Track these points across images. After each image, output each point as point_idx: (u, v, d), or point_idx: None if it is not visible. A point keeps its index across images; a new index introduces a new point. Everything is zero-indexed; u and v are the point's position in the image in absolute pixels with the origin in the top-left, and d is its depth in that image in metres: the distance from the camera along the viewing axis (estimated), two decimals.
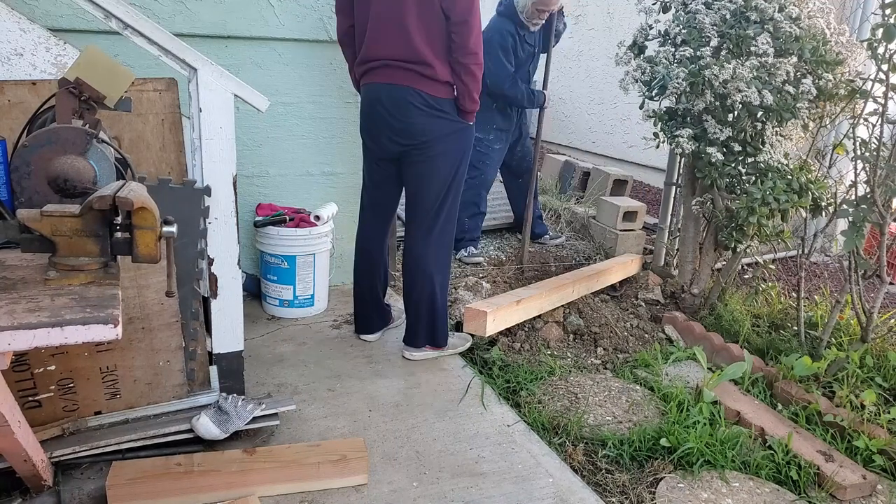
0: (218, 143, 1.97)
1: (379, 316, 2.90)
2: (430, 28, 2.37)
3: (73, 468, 1.89)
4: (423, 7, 2.34)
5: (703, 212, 3.31)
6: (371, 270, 2.80)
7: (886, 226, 2.65)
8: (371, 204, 2.77)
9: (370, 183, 2.75)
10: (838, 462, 2.22)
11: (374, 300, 2.86)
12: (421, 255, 2.63)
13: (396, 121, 2.47)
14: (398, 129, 2.49)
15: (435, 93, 2.44)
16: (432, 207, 2.58)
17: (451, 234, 2.69)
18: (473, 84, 2.45)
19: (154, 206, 1.19)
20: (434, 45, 2.39)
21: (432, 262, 2.63)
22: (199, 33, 2.77)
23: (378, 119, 2.52)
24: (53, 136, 1.38)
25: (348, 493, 1.91)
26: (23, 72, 2.02)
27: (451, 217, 2.64)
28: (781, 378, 2.70)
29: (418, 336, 2.71)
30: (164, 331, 1.98)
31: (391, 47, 2.41)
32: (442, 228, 2.62)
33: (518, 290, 3.13)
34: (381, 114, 2.50)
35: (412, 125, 2.46)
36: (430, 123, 2.46)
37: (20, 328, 1.03)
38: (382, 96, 2.47)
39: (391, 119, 2.48)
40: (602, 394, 2.61)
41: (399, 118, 2.46)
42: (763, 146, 3.01)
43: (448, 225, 2.64)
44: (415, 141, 2.49)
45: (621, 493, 2.08)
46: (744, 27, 2.90)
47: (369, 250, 2.79)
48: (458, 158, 2.56)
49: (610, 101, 6.55)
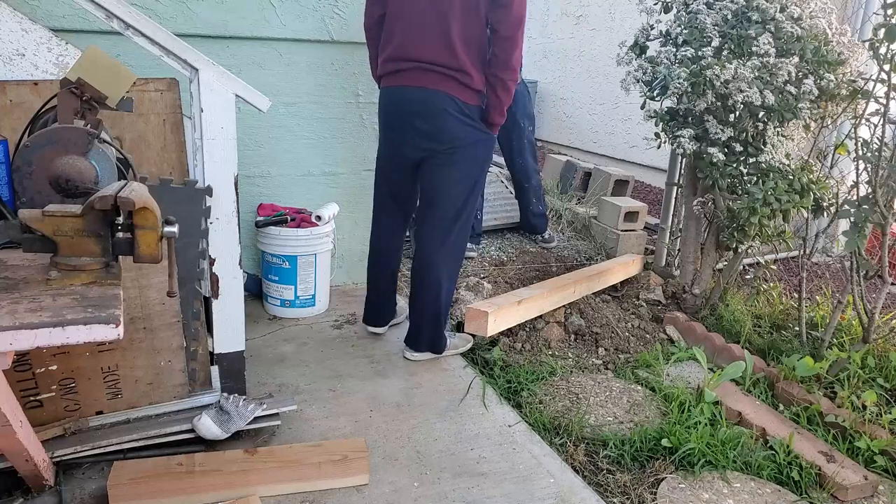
0: (219, 143, 1.98)
1: (390, 311, 2.93)
2: (470, 36, 2.34)
3: (74, 468, 1.89)
4: (468, 15, 2.32)
5: (705, 212, 3.31)
6: (385, 268, 2.82)
7: (888, 226, 2.65)
8: (385, 204, 2.75)
9: (384, 184, 2.71)
10: (840, 463, 2.21)
11: (386, 295, 2.88)
12: (433, 263, 2.60)
13: (426, 124, 2.43)
14: (425, 132, 2.45)
15: (468, 100, 2.41)
16: (450, 214, 2.55)
17: (465, 243, 2.67)
18: (507, 99, 2.43)
19: (155, 206, 1.20)
20: (472, 54, 2.36)
21: (444, 271, 2.61)
22: (201, 33, 2.77)
23: (405, 122, 2.48)
24: (55, 136, 1.38)
25: (349, 493, 1.91)
26: (24, 72, 2.03)
27: (466, 226, 2.62)
28: (783, 378, 2.70)
29: (420, 340, 2.70)
30: (165, 331, 1.98)
31: (430, 51, 2.36)
32: (457, 236, 2.60)
33: (519, 290, 3.13)
34: (408, 117, 2.46)
35: (443, 131, 2.43)
36: (460, 130, 2.43)
37: (22, 328, 1.04)
38: (415, 99, 2.43)
39: (420, 122, 2.44)
40: (603, 394, 2.61)
41: (430, 122, 2.42)
42: (764, 146, 3.00)
43: (462, 233, 2.62)
44: (442, 146, 2.46)
45: (622, 493, 2.08)
46: (745, 27, 2.90)
47: (384, 249, 2.79)
48: (480, 167, 2.55)
49: (611, 102, 6.55)
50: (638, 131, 5.81)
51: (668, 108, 3.16)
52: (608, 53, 5.60)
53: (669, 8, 3.22)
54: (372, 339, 2.90)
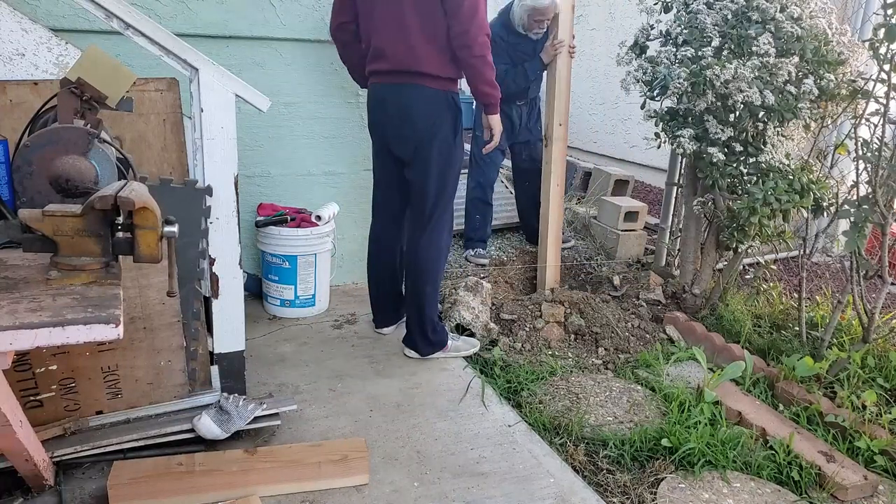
0: (219, 142, 1.98)
1: (394, 310, 2.94)
2: (427, 24, 2.37)
3: (74, 468, 1.89)
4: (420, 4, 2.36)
5: (705, 212, 3.31)
6: (385, 265, 2.85)
7: (888, 226, 2.65)
8: (381, 201, 2.80)
9: (379, 179, 2.78)
10: (839, 462, 2.21)
11: (387, 294, 2.90)
12: (414, 253, 2.65)
13: (399, 119, 2.50)
14: (399, 127, 2.51)
15: (439, 87, 2.45)
16: (427, 205, 2.59)
17: (444, 232, 2.68)
18: (479, 72, 2.42)
19: (155, 205, 1.20)
20: (434, 42, 2.39)
21: (423, 260, 2.64)
22: (201, 33, 2.78)
23: (383, 118, 2.56)
24: (55, 136, 1.38)
25: (349, 493, 1.91)
26: (25, 72, 2.03)
27: (443, 216, 2.63)
28: (783, 378, 2.70)
29: (412, 335, 2.73)
30: (165, 330, 1.98)
31: (393, 46, 2.42)
32: (434, 227, 2.62)
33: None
34: (386, 113, 2.54)
35: (414, 124, 2.48)
36: (428, 120, 2.48)
37: (22, 328, 1.04)
38: (388, 96, 2.51)
39: (395, 117, 2.50)
40: (603, 394, 2.61)
41: (402, 116, 2.48)
42: (764, 146, 3.00)
43: (440, 223, 2.64)
44: (417, 136, 2.50)
45: (622, 493, 2.08)
46: (745, 27, 2.90)
47: (382, 248, 2.83)
48: (448, 154, 2.55)
49: (611, 101, 6.55)
50: (638, 131, 5.81)
51: (668, 107, 3.16)
52: (608, 53, 5.61)
53: (669, 8, 3.22)
54: (372, 338, 2.90)
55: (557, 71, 3.56)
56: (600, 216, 4.37)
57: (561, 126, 3.45)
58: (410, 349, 2.75)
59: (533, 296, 3.43)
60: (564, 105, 3.53)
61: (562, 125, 3.45)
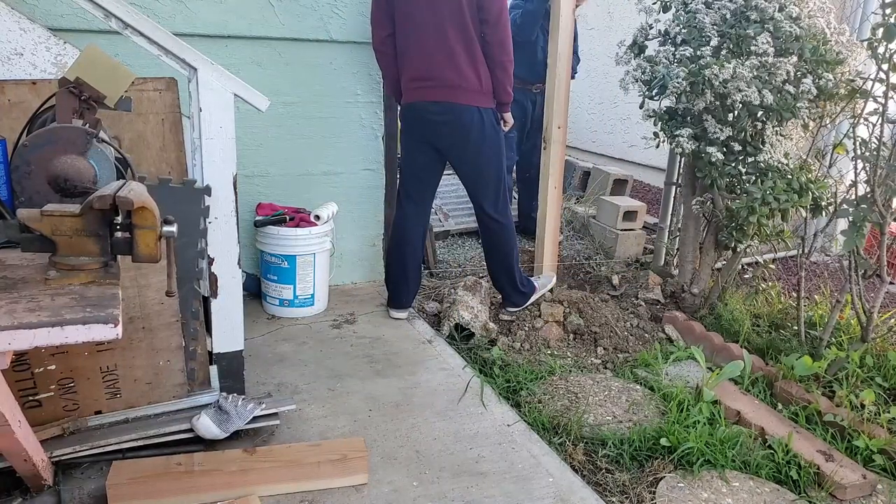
0: (218, 142, 1.97)
1: (414, 290, 3.11)
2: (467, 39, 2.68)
3: (73, 468, 1.89)
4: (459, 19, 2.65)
5: (704, 211, 3.31)
6: (414, 249, 3.03)
7: (886, 225, 2.65)
8: (412, 189, 3.00)
9: (413, 171, 2.98)
10: (838, 462, 2.22)
11: (416, 270, 3.07)
12: (493, 223, 2.99)
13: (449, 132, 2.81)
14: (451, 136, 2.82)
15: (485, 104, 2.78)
16: (491, 183, 2.94)
17: (508, 200, 3.04)
18: (506, 78, 2.77)
19: (154, 205, 1.20)
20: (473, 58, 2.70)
21: (505, 228, 3.01)
22: (200, 33, 2.77)
23: (428, 132, 2.85)
24: (53, 135, 1.38)
25: (348, 492, 1.91)
26: (23, 71, 2.03)
27: (505, 186, 3.00)
28: (781, 378, 2.70)
29: (509, 296, 3.12)
30: (164, 330, 1.98)
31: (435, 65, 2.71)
32: (501, 196, 2.98)
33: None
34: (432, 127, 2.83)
35: (466, 138, 2.80)
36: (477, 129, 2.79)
37: (20, 328, 1.04)
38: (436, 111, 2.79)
39: (443, 129, 2.80)
40: (602, 393, 2.61)
41: (459, 134, 2.80)
42: (763, 146, 3.00)
43: (505, 193, 3.00)
44: (473, 148, 2.84)
45: (621, 492, 2.08)
46: (744, 27, 2.90)
47: (410, 231, 3.02)
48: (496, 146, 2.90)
49: (610, 101, 6.55)
50: (637, 130, 5.81)
51: (667, 107, 3.16)
52: (607, 53, 5.60)
53: (668, 7, 3.22)
54: (371, 338, 2.90)
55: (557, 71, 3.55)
56: (599, 216, 4.37)
57: (560, 129, 3.44)
58: (510, 306, 3.13)
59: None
60: (563, 106, 3.52)
61: (560, 128, 3.45)
